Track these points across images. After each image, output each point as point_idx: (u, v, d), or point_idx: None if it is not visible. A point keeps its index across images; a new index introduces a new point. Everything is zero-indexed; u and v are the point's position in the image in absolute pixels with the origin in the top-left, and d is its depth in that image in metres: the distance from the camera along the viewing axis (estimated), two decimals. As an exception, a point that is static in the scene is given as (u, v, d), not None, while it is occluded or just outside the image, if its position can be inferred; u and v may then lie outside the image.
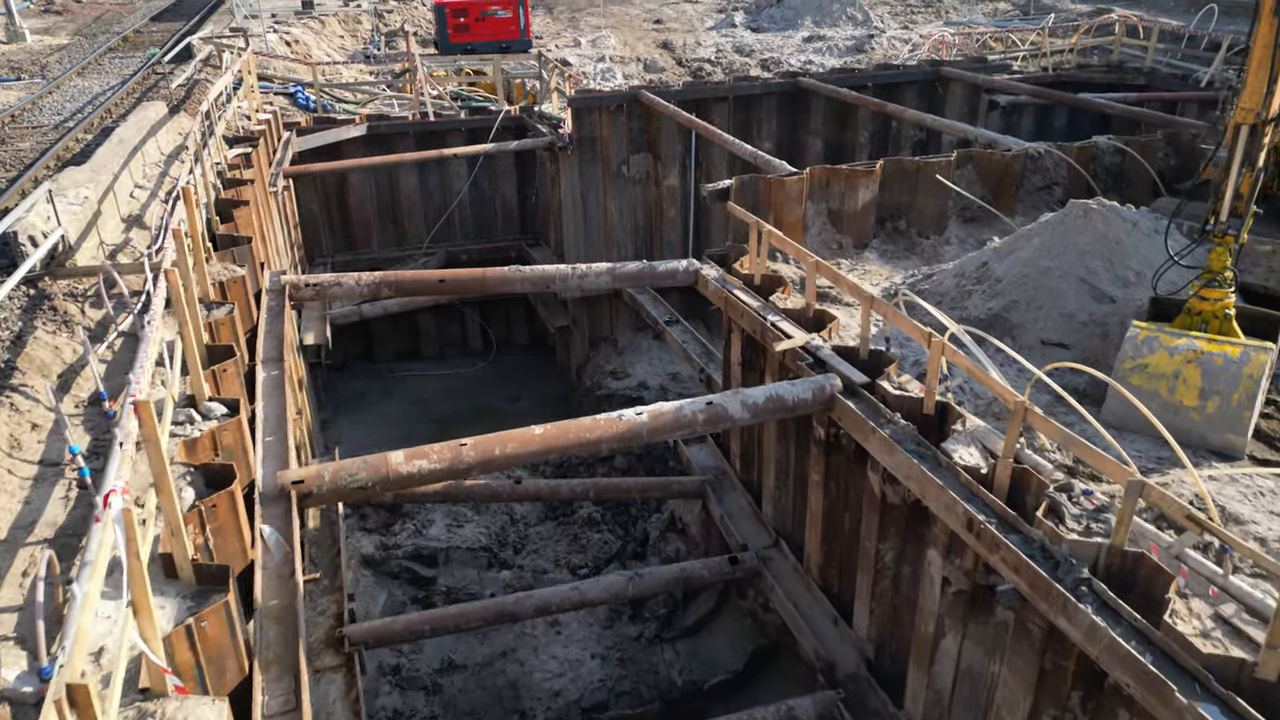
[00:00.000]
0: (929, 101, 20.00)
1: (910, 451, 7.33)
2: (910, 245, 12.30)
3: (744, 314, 10.11)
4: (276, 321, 10.01)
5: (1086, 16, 26.01)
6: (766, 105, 18.88)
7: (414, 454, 7.21)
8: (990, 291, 9.70)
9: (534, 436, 7.40)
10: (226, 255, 10.16)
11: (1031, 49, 23.85)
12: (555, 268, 11.12)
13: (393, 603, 12.32)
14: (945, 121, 15.60)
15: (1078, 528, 6.48)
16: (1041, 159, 12.59)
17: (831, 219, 12.08)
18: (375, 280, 10.89)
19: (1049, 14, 26.71)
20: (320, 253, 20.04)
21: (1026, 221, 12.65)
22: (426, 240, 20.47)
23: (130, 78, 17.94)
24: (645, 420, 7.68)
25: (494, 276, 10.98)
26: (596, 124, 18.05)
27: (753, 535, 10.94)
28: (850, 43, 24.48)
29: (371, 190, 19.85)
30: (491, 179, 20.53)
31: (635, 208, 19.13)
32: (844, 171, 11.77)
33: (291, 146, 17.69)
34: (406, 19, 26.13)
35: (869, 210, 12.02)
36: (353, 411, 19.79)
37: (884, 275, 11.56)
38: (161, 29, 25.93)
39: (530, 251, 20.58)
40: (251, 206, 11.96)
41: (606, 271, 11.10)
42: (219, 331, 8.51)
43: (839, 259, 11.93)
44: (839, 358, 8.59)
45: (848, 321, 10.21)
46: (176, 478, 6.20)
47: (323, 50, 22.34)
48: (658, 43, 25.92)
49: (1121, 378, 7.86)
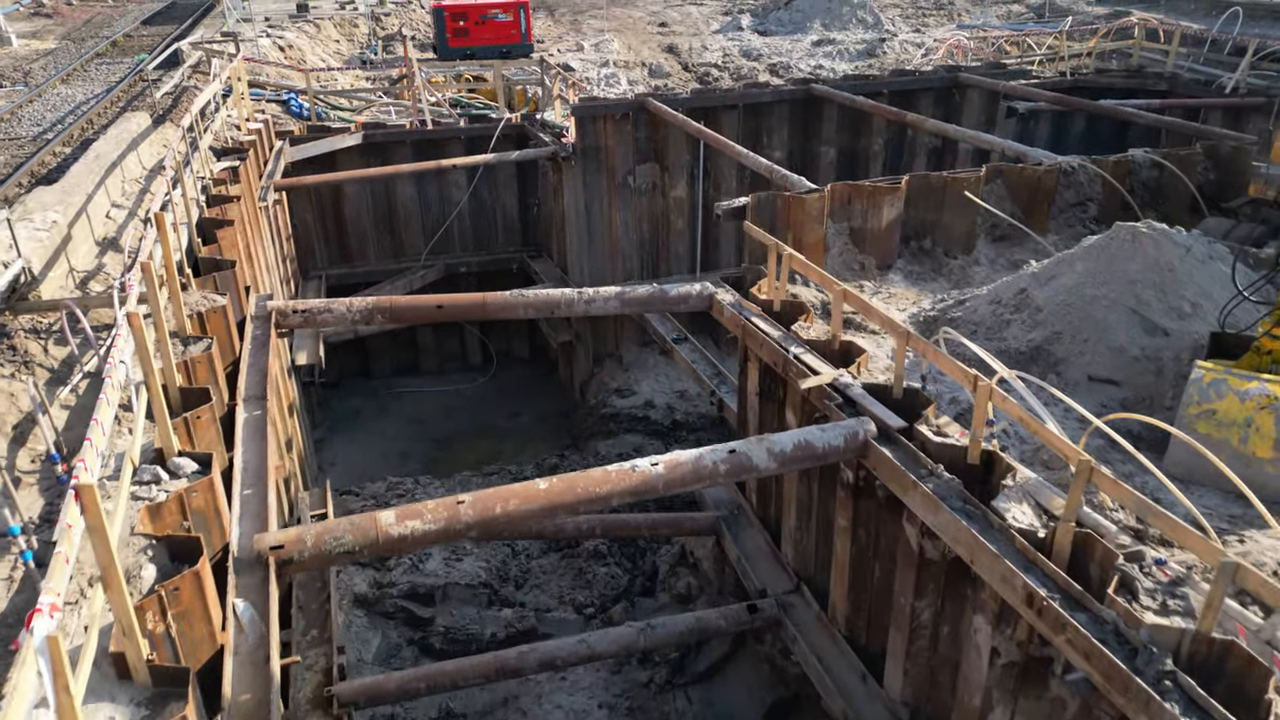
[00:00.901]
0: (945, 108, 19.30)
1: (957, 510, 6.61)
2: (937, 266, 11.59)
3: (763, 344, 9.40)
4: (261, 353, 9.30)
5: (1104, 19, 25.29)
6: (778, 113, 18.17)
7: (406, 513, 6.50)
8: (1030, 321, 8.99)
9: (538, 492, 6.69)
10: (208, 282, 9.45)
11: (1049, 53, 23.13)
12: (560, 292, 10.41)
13: (387, 645, 11.61)
14: (969, 132, 14.88)
15: (1152, 604, 5.76)
16: (1075, 174, 11.87)
17: (853, 238, 11.36)
18: (369, 306, 10.18)
19: (1065, 16, 25.99)
20: (314, 266, 19.35)
21: (1059, 240, 11.95)
22: (425, 253, 19.77)
23: (115, 86, 17.24)
24: (661, 472, 6.97)
25: (495, 302, 10.27)
26: (601, 133, 17.34)
27: (772, 578, 10.23)
28: (861, 47, 23.76)
29: (367, 201, 19.15)
30: (492, 189, 19.84)
31: (641, 220, 18.42)
32: (866, 188, 11.05)
33: (284, 157, 16.99)
34: (404, 22, 25.42)
35: (893, 229, 11.31)
36: (348, 430, 19.09)
37: (910, 299, 10.84)
38: (152, 33, 25.24)
39: (532, 264, 19.89)
40: (237, 226, 11.26)
41: (615, 296, 10.39)
42: (195, 370, 7.80)
43: (861, 281, 11.22)
44: (872, 398, 7.87)
45: (875, 352, 9.50)
46: (136, 552, 5.50)
47: (318, 55, 21.65)
48: (662, 46, 25.21)
49: (1186, 424, 7.15)
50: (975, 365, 7.89)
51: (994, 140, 13.78)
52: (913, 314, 10.40)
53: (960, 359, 8.11)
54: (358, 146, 18.36)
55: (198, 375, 7.81)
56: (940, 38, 23.34)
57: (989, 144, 13.95)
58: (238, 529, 6.47)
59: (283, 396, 11.98)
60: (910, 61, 23.03)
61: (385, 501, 13.63)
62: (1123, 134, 22.65)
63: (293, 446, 12.26)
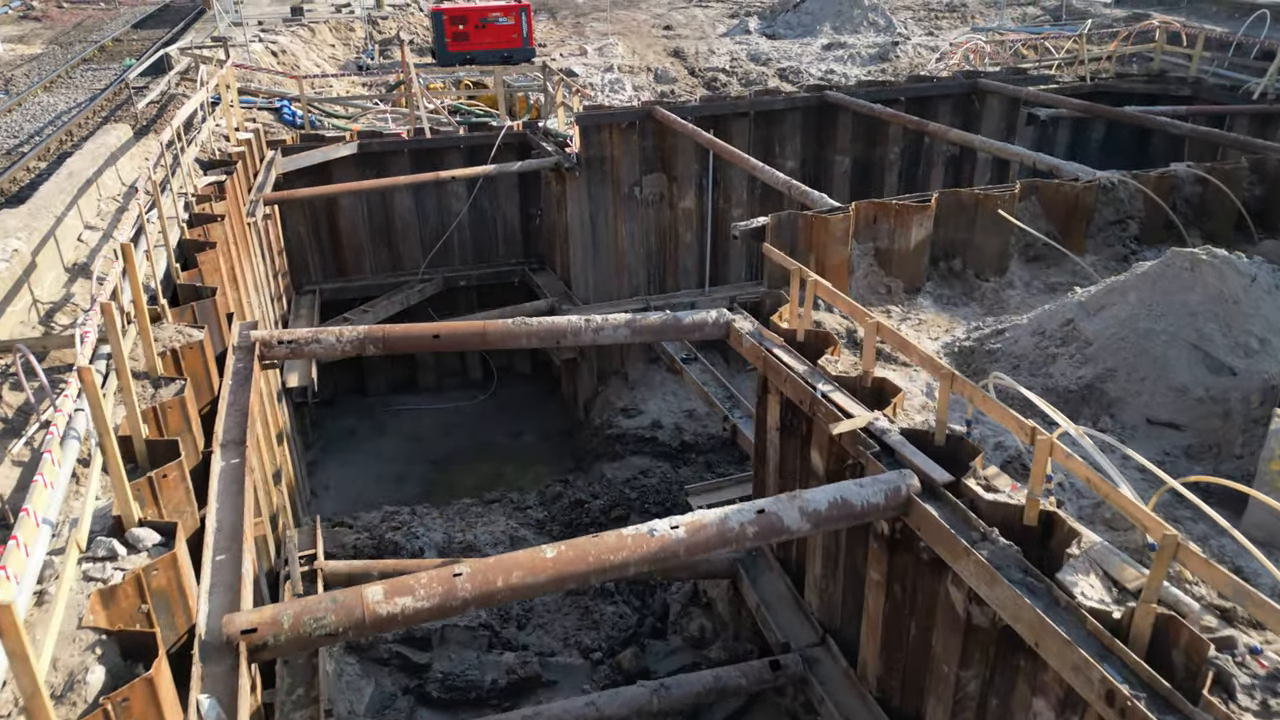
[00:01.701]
0: (964, 115, 18.57)
1: (1016, 583, 5.87)
2: (968, 289, 10.85)
3: (787, 380, 8.66)
4: (242, 390, 8.56)
5: (1123, 22, 24.54)
6: (790, 121, 17.44)
7: (396, 589, 5.76)
8: (1080, 356, 8.25)
9: (545, 562, 5.95)
10: (186, 312, 8.72)
11: (1068, 56, 22.38)
12: (566, 320, 9.68)
13: (381, 695, 10.87)
14: (995, 144, 14.13)
15: (1251, 703, 5.03)
16: (1114, 190, 11.13)
17: (879, 259, 10.63)
18: (360, 336, 9.45)
19: (1081, 19, 25.24)
20: (308, 280, 18.61)
21: (1098, 261, 11.22)
22: (423, 265, 19.03)
23: (99, 94, 16.52)
24: (682, 536, 6.23)
25: (496, 331, 9.54)
26: (606, 142, 16.62)
27: (794, 629, 9.50)
28: (873, 50, 23.02)
29: (363, 212, 18.42)
30: (492, 199, 19.10)
31: (648, 232, 17.70)
32: (894, 207, 10.32)
33: (275, 168, 16.26)
34: (402, 26, 24.69)
35: (923, 250, 10.58)
36: (343, 450, 18.35)
37: (942, 326, 10.11)
38: (142, 37, 24.52)
39: (534, 277, 19.15)
40: (220, 247, 10.52)
41: (625, 324, 9.65)
42: (165, 418, 7.07)
43: (889, 305, 10.49)
44: (913, 447, 7.14)
45: (909, 387, 8.76)
46: (83, 650, 4.76)
47: (312, 60, 20.91)
48: (668, 51, 24.48)
49: (1268, 481, 6.41)
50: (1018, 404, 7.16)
51: (1023, 153, 13.04)
52: (946, 343, 9.67)
53: (1006, 399, 7.38)
54: (353, 156, 17.62)
55: (168, 423, 7.08)
56: (955, 41, 22.59)
57: (1017, 156, 13.21)
58: (206, 606, 5.74)
59: (270, 426, 11.26)
60: (925, 66, 22.29)
61: (380, 535, 12.89)
62: (1144, 141, 21.92)
63: (281, 477, 11.54)
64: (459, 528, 13.35)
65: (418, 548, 12.59)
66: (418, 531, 12.86)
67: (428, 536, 12.83)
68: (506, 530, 13.27)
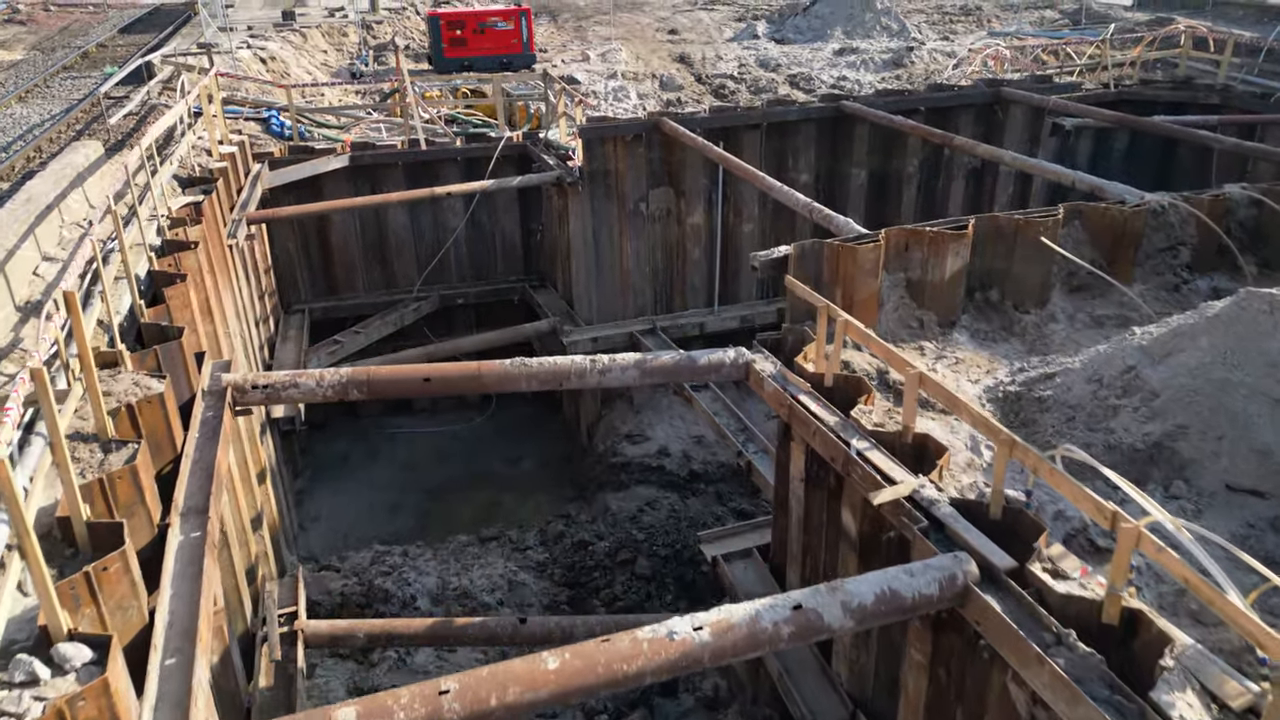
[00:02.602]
0: (986, 126, 17.70)
1: (1102, 701, 4.99)
2: (1007, 322, 9.97)
3: (816, 433, 7.79)
4: (209, 445, 7.70)
5: (1146, 26, 23.65)
6: (805, 133, 16.57)
7: (372, 710, 4.88)
8: (1146, 410, 7.37)
9: (546, 674, 5.08)
10: (148, 357, 7.85)
11: (1090, 62, 21.51)
12: (569, 361, 8.80)
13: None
14: (1029, 161, 13.26)
15: None
16: (1165, 214, 10.25)
17: (911, 291, 9.75)
18: (343, 380, 8.58)
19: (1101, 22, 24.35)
20: (298, 299, 17.76)
21: (1146, 291, 10.34)
22: (418, 283, 18.18)
23: (75, 105, 15.65)
24: (706, 640, 5.36)
25: (492, 374, 8.67)
26: (610, 155, 15.75)
27: (820, 702, 8.62)
28: (887, 56, 22.14)
29: (355, 228, 17.56)
30: (491, 214, 18.24)
31: (654, 248, 16.83)
32: (927, 234, 9.43)
33: (261, 183, 15.39)
34: (398, 30, 23.82)
35: (958, 281, 9.69)
36: (334, 478, 17.49)
37: (982, 366, 9.22)
38: (129, 42, 23.64)
39: (534, 295, 18.29)
40: (193, 278, 9.65)
41: (634, 365, 8.78)
42: (114, 491, 6.20)
43: (921, 341, 9.61)
44: (966, 522, 6.26)
45: (949, 438, 7.90)
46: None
47: (303, 67, 20.04)
48: (673, 56, 23.60)
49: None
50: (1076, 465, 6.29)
51: (1061, 171, 12.16)
52: (988, 387, 8.79)
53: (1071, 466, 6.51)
54: (344, 169, 16.77)
55: (117, 497, 6.21)
56: (974, 47, 21.72)
57: (1054, 175, 12.32)
58: (148, 731, 4.87)
59: (251, 464, 10.40)
60: (942, 73, 21.42)
61: (369, 580, 12.02)
62: (1169, 151, 21.01)
63: (262, 520, 10.66)
64: (454, 570, 12.49)
65: (409, 595, 11.73)
66: (409, 577, 12.00)
67: (420, 583, 11.96)
68: (505, 574, 12.40)
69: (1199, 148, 17.42)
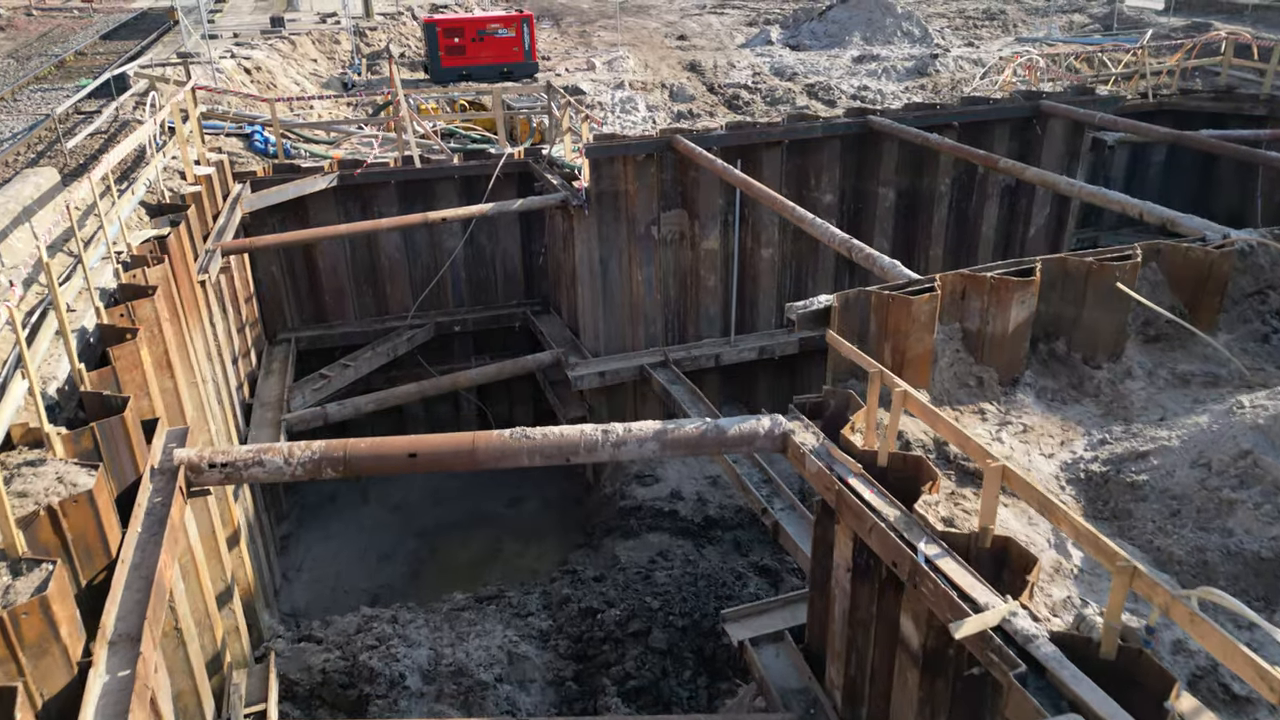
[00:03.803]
0: (1022, 141, 16.47)
1: None
2: (1077, 378, 8.73)
3: (873, 529, 6.57)
4: (153, 542, 6.49)
5: (1182, 32, 22.39)
6: (829, 150, 15.35)
7: None
8: (1271, 508, 6.15)
9: None
10: (83, 437, 6.65)
11: (1126, 70, 20.27)
12: (578, 432, 7.59)
13: None
14: (1092, 189, 11.95)
15: None
16: (1253, 254, 9.01)
17: (968, 344, 8.52)
18: (314, 456, 7.38)
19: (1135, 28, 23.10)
20: (283, 327, 16.57)
21: (1232, 341, 9.09)
22: (413, 309, 16.99)
23: (40, 122, 14.46)
24: None
25: (488, 448, 7.48)
26: (620, 176, 14.54)
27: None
28: (910, 64, 20.89)
29: (345, 251, 16.37)
30: (491, 234, 17.08)
31: (666, 275, 15.62)
32: (988, 281, 8.20)
33: (241, 206, 14.21)
34: (393, 38, 22.60)
35: (1023, 333, 8.46)
36: (321, 523, 16.30)
37: (1054, 434, 7.99)
38: (110, 50, 22.47)
39: (537, 322, 17.11)
40: (146, 332, 8.46)
41: (653, 437, 7.57)
42: (18, 630, 5.00)
43: (981, 403, 8.38)
44: (1075, 669, 5.04)
45: (1027, 533, 6.68)
46: None
47: (290, 77, 18.83)
48: (684, 64, 22.37)
49: None
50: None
51: (1128, 201, 10.89)
52: (1065, 463, 7.56)
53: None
54: (333, 190, 15.59)
55: (22, 636, 5.01)
56: (1004, 55, 20.47)
57: (1118, 205, 11.06)
58: None
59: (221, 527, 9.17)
60: (969, 82, 20.17)
61: (354, 654, 10.81)
62: (1209, 165, 19.83)
63: (234, 593, 9.43)
64: (448, 640, 11.27)
65: (398, 673, 10.51)
66: (399, 651, 10.78)
67: (410, 657, 10.75)
68: (504, 644, 11.19)
69: (1242, 162, 16.23)
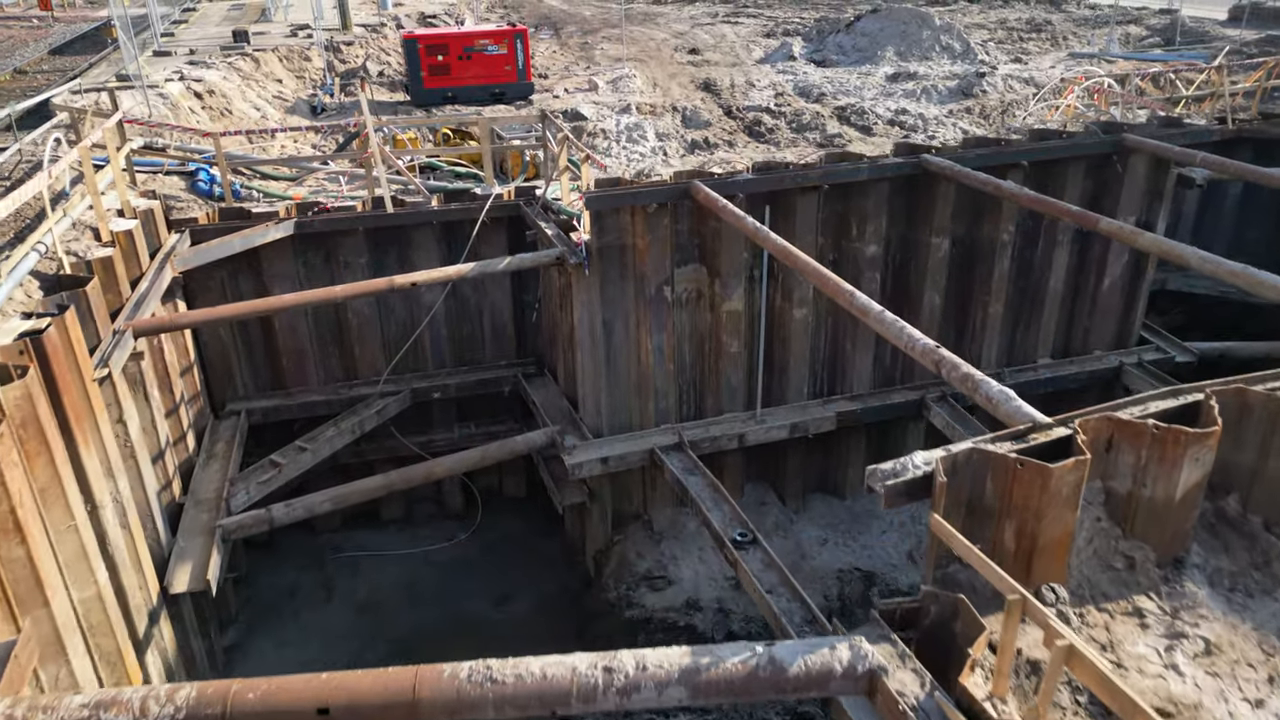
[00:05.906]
0: (1098, 181, 14.05)
1: None
2: (1261, 555, 6.33)
3: None
4: None
5: (1255, 46, 19.95)
6: (875, 195, 12.95)
7: None
8: None
9: None
10: None
11: (1200, 92, 17.85)
12: (568, 670, 5.18)
13: None
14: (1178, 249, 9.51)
15: None
16: None
17: (1112, 511, 6.14)
18: (178, 712, 4.99)
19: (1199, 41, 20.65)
20: (234, 396, 14.19)
21: None
22: (385, 373, 14.60)
23: (-69, 163, 12.10)
24: None
25: (435, 698, 5.12)
26: (627, 229, 12.16)
27: None
28: (953, 83, 18.48)
29: (306, 308, 13.97)
30: (477, 284, 14.70)
31: (681, 340, 13.22)
32: (1150, 433, 5.79)
33: (173, 265, 11.85)
34: (371, 54, 20.21)
35: (1194, 500, 6.07)
36: (277, 624, 13.91)
37: (1250, 654, 5.58)
38: (56, 67, 20.13)
39: (529, 388, 14.71)
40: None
41: (679, 678, 5.18)
42: None
43: (1136, 597, 5.98)
44: None
45: None
46: None
47: (250, 102, 16.46)
48: (696, 82, 19.98)
49: None
50: None
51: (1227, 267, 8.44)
52: (1283, 719, 5.15)
53: None
54: (290, 239, 13.23)
55: None
56: (1064, 76, 18.04)
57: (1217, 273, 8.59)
58: None
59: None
60: (1022, 104, 17.74)
61: None
62: (1279, 207, 17.51)
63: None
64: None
65: None
66: None
67: None
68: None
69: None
